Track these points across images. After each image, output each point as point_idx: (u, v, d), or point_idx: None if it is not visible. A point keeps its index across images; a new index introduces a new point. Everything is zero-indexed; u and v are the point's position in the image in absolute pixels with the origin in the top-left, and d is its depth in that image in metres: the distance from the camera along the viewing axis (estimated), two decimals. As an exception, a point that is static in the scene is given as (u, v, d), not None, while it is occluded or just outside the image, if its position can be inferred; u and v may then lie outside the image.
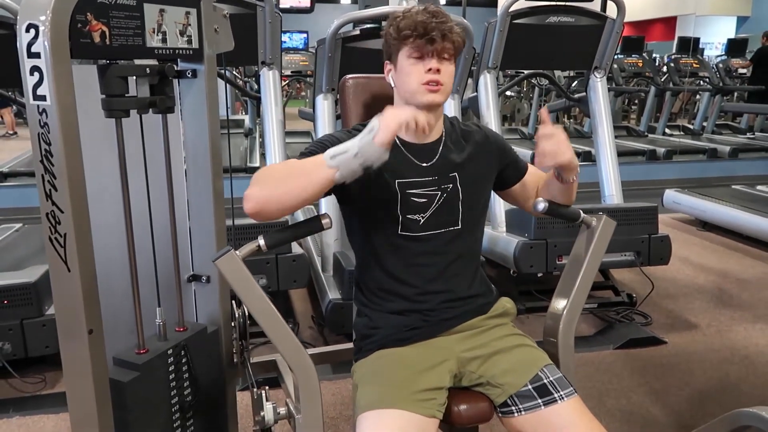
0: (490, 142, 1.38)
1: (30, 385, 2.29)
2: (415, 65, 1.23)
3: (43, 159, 1.12)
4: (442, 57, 1.23)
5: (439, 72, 1.22)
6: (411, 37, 1.22)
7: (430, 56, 1.23)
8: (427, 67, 1.22)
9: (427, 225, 1.29)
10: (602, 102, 3.43)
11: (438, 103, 1.26)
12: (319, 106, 2.89)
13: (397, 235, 1.28)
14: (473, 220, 1.34)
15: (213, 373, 1.55)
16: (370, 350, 1.31)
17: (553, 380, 1.22)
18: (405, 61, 1.25)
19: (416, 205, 1.28)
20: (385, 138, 1.04)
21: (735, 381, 2.37)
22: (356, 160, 1.06)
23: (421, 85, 1.23)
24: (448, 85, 1.25)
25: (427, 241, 1.29)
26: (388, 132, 1.04)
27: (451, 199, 1.30)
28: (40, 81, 1.08)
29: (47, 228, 1.16)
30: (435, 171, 1.30)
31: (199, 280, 1.58)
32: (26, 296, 2.16)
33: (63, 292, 1.19)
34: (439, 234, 1.30)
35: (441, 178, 1.30)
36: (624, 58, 7.38)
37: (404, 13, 1.25)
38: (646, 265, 2.95)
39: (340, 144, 1.10)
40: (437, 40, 1.21)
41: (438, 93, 1.24)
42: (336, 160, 1.07)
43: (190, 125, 1.47)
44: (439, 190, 1.30)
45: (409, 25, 1.22)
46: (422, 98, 1.24)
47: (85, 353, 1.21)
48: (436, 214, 1.29)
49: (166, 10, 1.29)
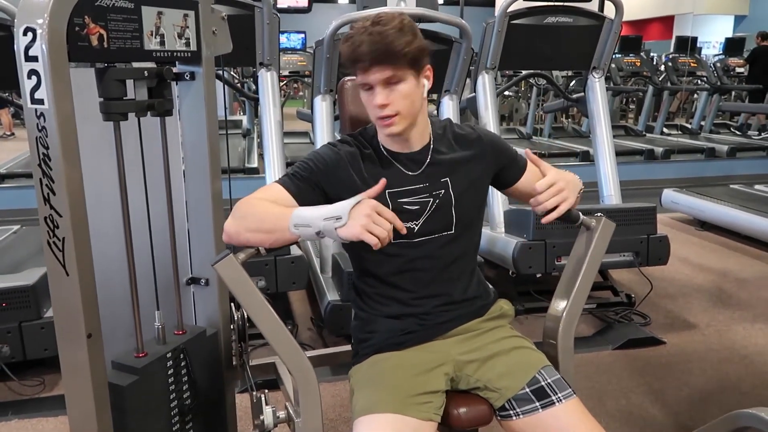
0: (484, 144, 1.35)
1: (29, 388, 2.29)
2: (368, 96, 1.19)
3: (41, 163, 1.12)
4: (388, 84, 1.16)
5: (386, 106, 1.17)
6: (348, 63, 1.18)
7: (375, 86, 1.17)
8: (374, 101, 1.17)
9: (421, 231, 1.28)
10: (600, 102, 3.43)
11: (400, 132, 1.21)
12: (318, 108, 2.89)
13: (392, 244, 1.27)
14: (468, 224, 1.33)
15: (212, 376, 1.55)
16: (366, 354, 1.31)
17: (551, 382, 1.22)
18: (359, 90, 1.21)
19: (409, 212, 1.27)
20: (349, 237, 1.03)
21: (734, 381, 2.37)
22: (317, 236, 1.06)
23: (377, 119, 1.21)
24: (406, 109, 1.19)
25: (421, 246, 1.28)
26: (351, 236, 1.02)
27: (444, 204, 1.29)
28: (38, 85, 1.08)
29: (45, 232, 1.16)
30: (425, 177, 1.29)
31: (198, 282, 1.58)
32: (24, 299, 2.16)
33: (61, 297, 1.19)
34: (434, 239, 1.29)
35: (432, 185, 1.29)
36: (622, 58, 7.39)
37: (351, 29, 1.19)
38: (644, 265, 2.95)
39: (306, 212, 1.08)
40: (369, 68, 1.14)
41: (394, 125, 1.19)
42: (299, 230, 1.07)
43: (188, 128, 1.47)
44: (431, 197, 1.28)
45: (347, 50, 1.17)
46: (383, 131, 1.23)
47: (84, 357, 1.20)
48: (430, 221, 1.28)
49: (164, 12, 1.29)
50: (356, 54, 1.15)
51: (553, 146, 6.87)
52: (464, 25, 2.87)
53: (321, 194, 1.25)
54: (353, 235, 1.02)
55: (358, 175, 1.26)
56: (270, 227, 1.11)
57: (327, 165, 1.25)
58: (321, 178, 1.24)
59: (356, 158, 1.27)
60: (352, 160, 1.27)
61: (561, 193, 1.20)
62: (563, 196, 1.21)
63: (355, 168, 1.26)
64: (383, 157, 1.29)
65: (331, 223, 1.04)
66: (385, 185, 1.11)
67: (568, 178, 1.24)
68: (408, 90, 1.18)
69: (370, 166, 1.27)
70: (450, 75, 2.99)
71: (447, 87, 3.02)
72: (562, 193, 1.20)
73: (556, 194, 1.20)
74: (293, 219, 1.08)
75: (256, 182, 4.39)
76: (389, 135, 1.23)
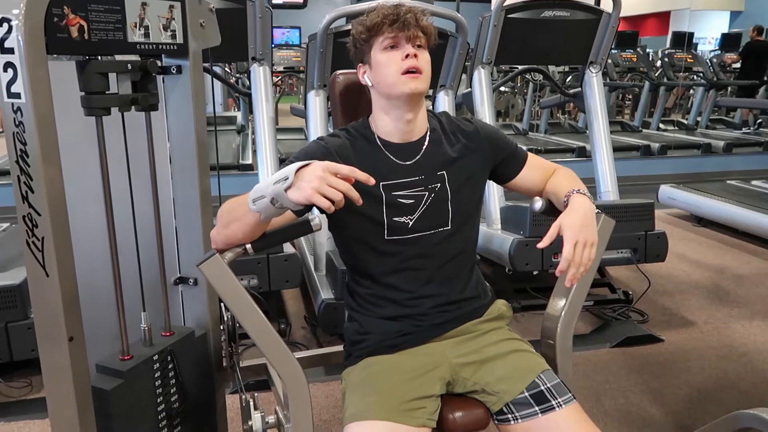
0: (482, 137, 1.31)
1: (15, 389, 2.24)
2: (391, 55, 1.20)
3: (19, 159, 1.08)
4: (416, 45, 1.20)
5: (416, 57, 1.19)
6: (383, 25, 1.19)
7: (404, 43, 1.19)
8: (404, 54, 1.19)
9: (415, 227, 1.24)
10: (598, 97, 3.40)
11: (420, 92, 1.21)
12: (311, 103, 2.85)
13: (385, 240, 1.23)
14: (465, 220, 1.29)
15: (201, 378, 1.51)
16: (359, 357, 1.27)
17: (551, 387, 1.19)
18: (379, 55, 1.21)
19: (403, 207, 1.23)
20: (299, 200, 0.97)
21: (734, 379, 2.35)
22: (273, 206, 1.01)
23: (400, 75, 1.19)
24: (428, 73, 1.21)
25: (416, 243, 1.24)
26: (302, 198, 0.97)
27: (440, 199, 1.25)
28: (14, 78, 1.03)
29: (24, 231, 1.12)
30: (420, 170, 1.25)
31: (186, 282, 1.54)
32: (11, 299, 2.11)
33: (41, 299, 1.15)
34: (429, 235, 1.25)
35: (428, 178, 1.25)
36: (618, 53, 7.36)
37: (374, 8, 1.22)
38: (642, 262, 2.92)
39: (261, 183, 1.04)
40: (410, 24, 1.18)
41: (419, 80, 1.19)
42: (257, 205, 1.03)
43: (175, 123, 1.43)
44: (426, 191, 1.25)
45: (377, 16, 1.20)
46: (404, 87, 1.19)
47: (65, 361, 1.16)
48: (425, 216, 1.24)
49: (149, 3, 1.24)
50: (390, 15, 1.19)
51: (550, 142, 6.84)
52: (460, 19, 2.83)
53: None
54: (304, 197, 0.96)
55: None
56: (238, 214, 1.07)
57: (314, 158, 1.21)
58: None
59: (347, 150, 1.24)
60: (343, 153, 1.23)
61: (585, 249, 1.13)
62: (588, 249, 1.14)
63: (347, 160, 1.22)
64: (376, 146, 1.25)
65: (280, 185, 0.98)
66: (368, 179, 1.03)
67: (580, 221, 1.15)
68: (429, 59, 1.23)
69: (363, 156, 1.24)
70: (446, 70, 2.95)
71: (443, 82, 2.98)
72: (586, 250, 1.13)
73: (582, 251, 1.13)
74: (251, 195, 1.04)
75: (250, 179, 4.34)
76: (410, 92, 1.19)
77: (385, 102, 1.24)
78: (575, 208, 1.18)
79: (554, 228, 1.14)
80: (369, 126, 1.28)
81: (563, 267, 1.13)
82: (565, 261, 1.12)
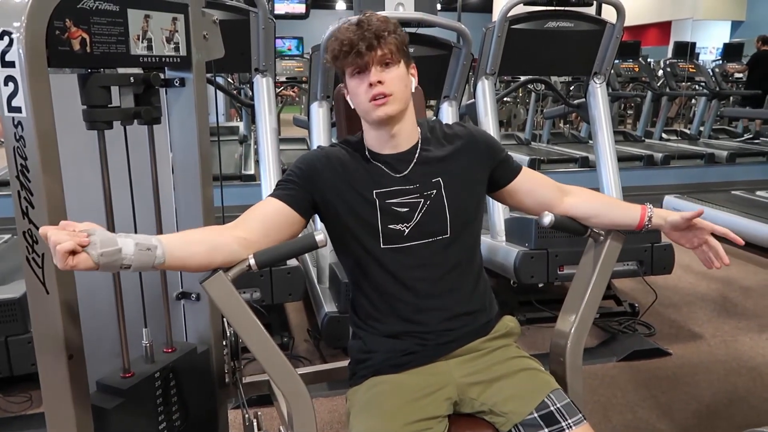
0: (478, 142, 1.30)
1: (15, 404, 2.21)
2: (359, 82, 1.18)
3: (19, 174, 1.06)
4: (381, 65, 1.17)
5: (381, 83, 1.16)
6: (340, 57, 1.17)
7: (367, 69, 1.17)
8: (368, 82, 1.16)
9: (412, 235, 1.22)
10: (602, 108, 3.38)
11: (391, 115, 1.18)
12: (314, 114, 2.83)
13: (381, 249, 1.21)
14: (464, 227, 1.26)
15: (204, 395, 1.49)
16: (364, 376, 1.24)
17: (561, 407, 1.15)
18: (350, 81, 1.21)
19: (398, 214, 1.22)
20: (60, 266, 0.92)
21: (743, 394, 2.31)
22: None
23: (368, 102, 1.18)
24: (398, 91, 1.18)
25: (415, 252, 1.22)
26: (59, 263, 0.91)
27: (436, 205, 1.23)
28: (15, 92, 1.02)
29: (24, 247, 1.10)
30: (415, 179, 1.24)
31: (189, 297, 1.51)
32: (11, 312, 2.09)
33: (41, 316, 1.12)
34: (428, 244, 1.23)
35: (423, 185, 1.24)
36: (620, 63, 7.35)
37: (334, 32, 1.20)
38: (649, 274, 2.89)
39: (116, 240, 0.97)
40: (364, 51, 1.15)
41: (387, 104, 1.17)
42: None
43: (178, 136, 1.41)
44: (422, 197, 1.23)
45: (336, 46, 1.18)
46: (374, 114, 1.18)
47: (64, 380, 1.14)
48: (422, 223, 1.22)
49: (152, 16, 1.23)
50: (349, 42, 1.15)
51: (552, 152, 6.82)
52: (464, 29, 2.82)
53: (310, 199, 1.22)
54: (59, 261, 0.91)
55: (345, 179, 1.23)
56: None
57: (313, 165, 1.23)
58: (308, 180, 1.22)
59: (343, 161, 1.25)
60: (339, 163, 1.24)
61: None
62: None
63: (342, 170, 1.23)
64: (368, 160, 1.25)
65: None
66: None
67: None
68: (401, 74, 1.20)
69: (357, 169, 1.24)
70: (449, 80, 2.94)
71: (446, 93, 2.97)
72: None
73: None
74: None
75: (252, 189, 4.31)
76: (381, 118, 1.18)
77: (366, 123, 1.25)
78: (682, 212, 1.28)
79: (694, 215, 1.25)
80: (362, 140, 1.29)
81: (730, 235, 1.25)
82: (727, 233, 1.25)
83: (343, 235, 1.25)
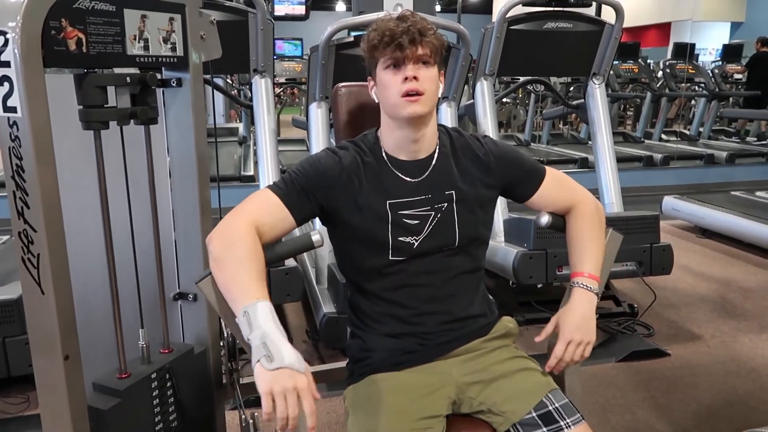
0: (492, 158, 1.26)
1: (12, 406, 2.21)
2: (393, 76, 1.16)
3: (15, 175, 1.06)
4: (419, 62, 1.15)
5: (416, 79, 1.14)
6: (379, 47, 1.15)
7: (404, 63, 1.14)
8: (403, 76, 1.14)
9: (420, 249, 1.20)
10: (601, 109, 3.38)
11: (420, 115, 1.16)
12: (313, 115, 2.83)
13: (389, 261, 1.20)
14: (472, 238, 1.25)
15: (201, 396, 1.48)
16: (362, 375, 1.24)
17: (559, 407, 1.15)
18: (382, 73, 1.17)
19: (409, 227, 1.20)
20: (256, 381, 0.96)
21: (743, 395, 2.30)
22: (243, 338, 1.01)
23: (400, 97, 1.15)
24: (431, 92, 1.16)
25: (420, 261, 1.21)
26: (258, 385, 0.96)
27: (447, 219, 1.21)
28: (10, 92, 1.01)
29: (20, 248, 1.09)
30: (428, 188, 1.22)
31: (186, 297, 1.51)
32: (8, 313, 2.09)
33: (37, 316, 1.12)
34: (434, 254, 1.22)
35: (435, 197, 1.22)
36: (620, 64, 7.35)
37: (376, 22, 1.18)
38: (648, 275, 2.89)
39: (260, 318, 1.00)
40: (406, 45, 1.13)
41: (418, 103, 1.14)
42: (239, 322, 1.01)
43: (175, 136, 1.41)
44: (432, 210, 1.21)
45: (377, 35, 1.15)
46: (403, 111, 1.15)
47: (60, 380, 1.13)
48: (431, 236, 1.21)
49: (149, 16, 1.22)
50: (391, 33, 1.13)
51: (552, 153, 6.82)
52: (463, 30, 2.82)
53: (316, 205, 1.18)
54: (259, 385, 0.95)
55: (358, 185, 1.19)
56: (231, 296, 1.05)
57: (325, 173, 1.19)
58: (318, 188, 1.18)
59: (357, 166, 1.21)
60: (353, 169, 1.20)
61: (578, 348, 1.22)
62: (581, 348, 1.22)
63: (356, 177, 1.19)
64: (384, 164, 1.22)
65: (259, 354, 0.97)
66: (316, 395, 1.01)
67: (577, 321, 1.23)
68: (434, 76, 1.18)
69: (371, 174, 1.21)
70: (448, 81, 2.94)
71: (445, 93, 2.96)
72: (579, 348, 1.22)
73: (575, 350, 1.21)
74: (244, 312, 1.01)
75: (252, 190, 4.32)
76: (410, 115, 1.15)
77: (390, 120, 1.21)
78: (575, 306, 1.24)
79: (552, 324, 1.24)
80: (378, 140, 1.25)
81: (551, 364, 1.21)
82: (555, 358, 1.21)
83: (349, 243, 1.23)
